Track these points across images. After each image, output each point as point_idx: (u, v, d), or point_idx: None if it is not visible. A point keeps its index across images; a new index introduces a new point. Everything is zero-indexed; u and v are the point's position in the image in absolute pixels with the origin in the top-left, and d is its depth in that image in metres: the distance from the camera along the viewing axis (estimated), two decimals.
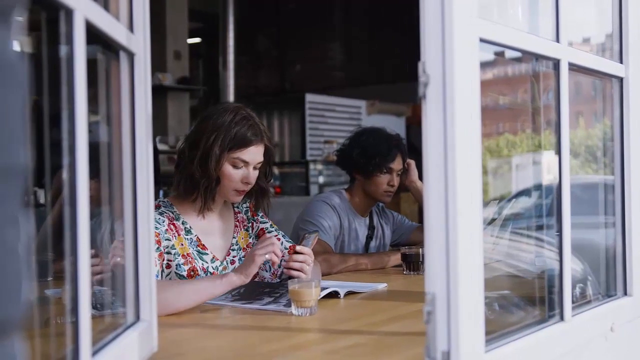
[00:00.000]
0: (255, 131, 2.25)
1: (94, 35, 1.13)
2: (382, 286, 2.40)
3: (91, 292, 1.08)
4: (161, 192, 4.51)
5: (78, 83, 1.03)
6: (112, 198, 1.42)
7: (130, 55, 1.37)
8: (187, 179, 2.24)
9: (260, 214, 2.50)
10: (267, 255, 2.01)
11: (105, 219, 1.48)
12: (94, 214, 1.11)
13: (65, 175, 1.03)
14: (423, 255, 2.68)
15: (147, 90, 1.41)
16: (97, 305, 1.38)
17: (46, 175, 1.11)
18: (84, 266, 1.04)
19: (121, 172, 1.38)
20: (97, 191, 1.33)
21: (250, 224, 2.46)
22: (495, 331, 1.35)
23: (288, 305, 1.94)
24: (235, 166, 2.23)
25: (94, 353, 1.11)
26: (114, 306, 1.47)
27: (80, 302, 1.03)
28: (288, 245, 2.44)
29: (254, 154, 2.25)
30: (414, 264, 2.70)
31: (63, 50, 1.04)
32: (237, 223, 2.43)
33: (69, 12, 1.01)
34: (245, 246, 2.41)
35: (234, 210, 2.45)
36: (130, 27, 1.37)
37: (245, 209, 2.48)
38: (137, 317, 1.39)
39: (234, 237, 2.39)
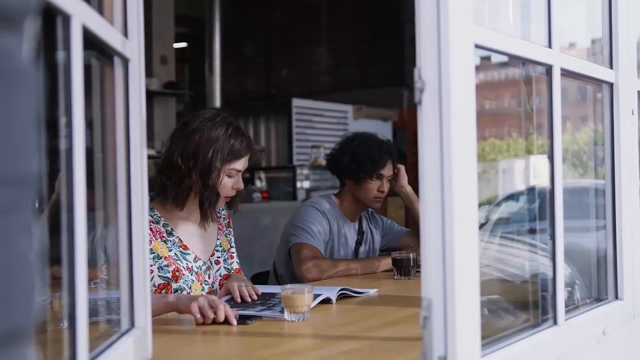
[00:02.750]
0: (248, 142, 2.36)
1: (89, 41, 1.13)
2: (373, 291, 2.40)
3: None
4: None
5: (75, 88, 1.03)
6: (105, 204, 1.41)
7: (125, 61, 1.36)
8: (184, 191, 2.29)
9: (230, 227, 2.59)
10: (197, 315, 1.86)
11: (98, 224, 1.48)
12: (87, 219, 1.11)
13: (62, 181, 1.03)
14: (414, 260, 2.70)
15: (142, 95, 1.41)
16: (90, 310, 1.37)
17: (43, 181, 1.10)
18: (81, 273, 1.03)
19: (115, 177, 1.38)
20: (90, 197, 1.32)
21: (227, 232, 2.54)
22: (491, 336, 1.36)
23: (283, 312, 1.94)
24: (229, 176, 2.32)
25: None
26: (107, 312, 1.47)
27: (77, 310, 1.02)
28: (236, 267, 2.50)
29: (245, 162, 2.36)
30: (404, 268, 2.70)
31: (59, 55, 1.04)
32: (220, 226, 2.50)
33: (67, 18, 1.01)
34: (227, 249, 2.49)
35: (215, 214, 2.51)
36: (125, 33, 1.36)
37: (223, 217, 2.55)
38: (132, 324, 1.38)
39: (217, 239, 2.46)
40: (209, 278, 2.37)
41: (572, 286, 1.88)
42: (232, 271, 2.48)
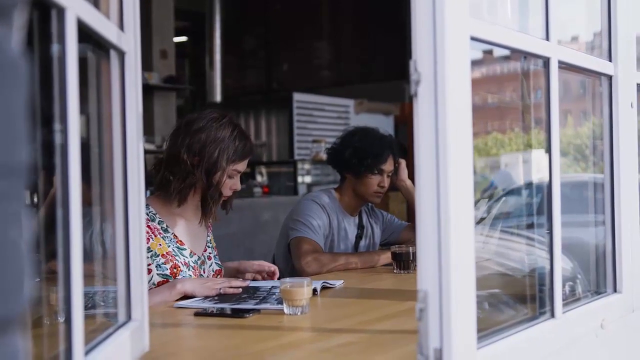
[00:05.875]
0: (251, 144, 2.42)
1: (84, 34, 1.13)
2: (339, 283, 2.42)
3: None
4: (147, 192, 4.49)
5: (70, 82, 1.02)
6: (102, 198, 1.41)
7: (121, 54, 1.36)
8: (188, 187, 2.32)
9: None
10: (221, 290, 2.17)
11: (95, 219, 1.48)
12: (84, 214, 1.11)
13: (57, 175, 1.03)
14: (413, 253, 2.70)
15: (138, 89, 1.41)
16: (87, 304, 1.37)
17: (39, 176, 1.10)
18: (76, 266, 1.03)
19: (111, 172, 1.38)
20: (87, 191, 1.32)
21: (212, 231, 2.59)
22: (488, 328, 1.36)
23: (280, 302, 1.94)
24: (230, 176, 2.36)
25: (87, 352, 1.11)
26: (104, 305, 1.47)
27: (72, 303, 1.02)
28: (216, 268, 2.52)
29: (246, 164, 2.42)
30: (404, 262, 2.70)
31: (54, 48, 1.04)
32: (209, 225, 2.55)
33: (61, 11, 1.01)
34: (214, 247, 2.55)
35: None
36: (121, 26, 1.36)
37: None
38: (129, 317, 1.39)
39: (208, 236, 2.51)
40: (204, 272, 2.42)
41: (574, 280, 1.88)
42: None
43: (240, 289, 2.20)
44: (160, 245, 2.29)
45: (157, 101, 7.74)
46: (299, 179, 7.53)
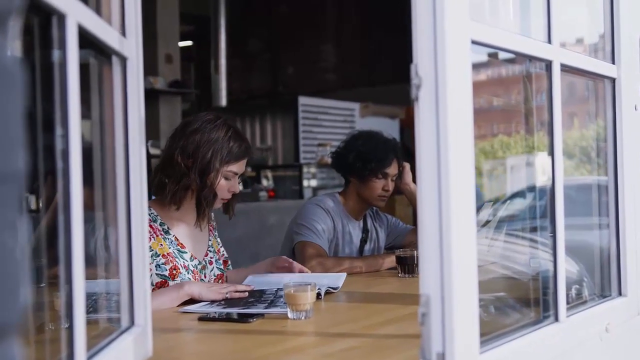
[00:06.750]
0: (247, 145, 2.41)
1: (86, 40, 1.13)
2: (342, 279, 2.43)
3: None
4: (153, 197, 4.50)
5: (71, 88, 1.03)
6: (105, 203, 1.41)
7: (123, 60, 1.36)
8: (182, 189, 2.32)
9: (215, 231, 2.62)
10: (227, 295, 2.17)
11: (99, 225, 1.48)
12: (87, 220, 1.11)
13: (58, 180, 1.03)
14: (418, 257, 2.69)
15: (140, 94, 1.41)
16: (90, 309, 1.38)
17: (40, 180, 1.11)
18: (78, 272, 1.03)
19: (114, 177, 1.38)
20: (90, 197, 1.32)
21: (215, 235, 2.58)
22: (491, 332, 1.35)
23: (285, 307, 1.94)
24: (226, 178, 2.36)
25: (89, 358, 1.11)
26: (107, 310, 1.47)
27: (75, 308, 1.03)
28: (217, 272, 2.51)
29: (242, 166, 2.40)
30: (408, 266, 2.70)
31: (55, 54, 1.04)
32: (211, 228, 2.55)
33: (62, 17, 1.01)
34: (217, 250, 2.54)
35: None
36: (123, 32, 1.37)
37: (212, 219, 2.60)
38: (132, 322, 1.39)
39: (209, 240, 2.51)
40: (205, 277, 2.42)
41: (580, 284, 1.87)
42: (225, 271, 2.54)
43: (247, 293, 2.20)
44: (161, 245, 2.30)
45: (162, 106, 7.74)
46: (305, 183, 7.54)
